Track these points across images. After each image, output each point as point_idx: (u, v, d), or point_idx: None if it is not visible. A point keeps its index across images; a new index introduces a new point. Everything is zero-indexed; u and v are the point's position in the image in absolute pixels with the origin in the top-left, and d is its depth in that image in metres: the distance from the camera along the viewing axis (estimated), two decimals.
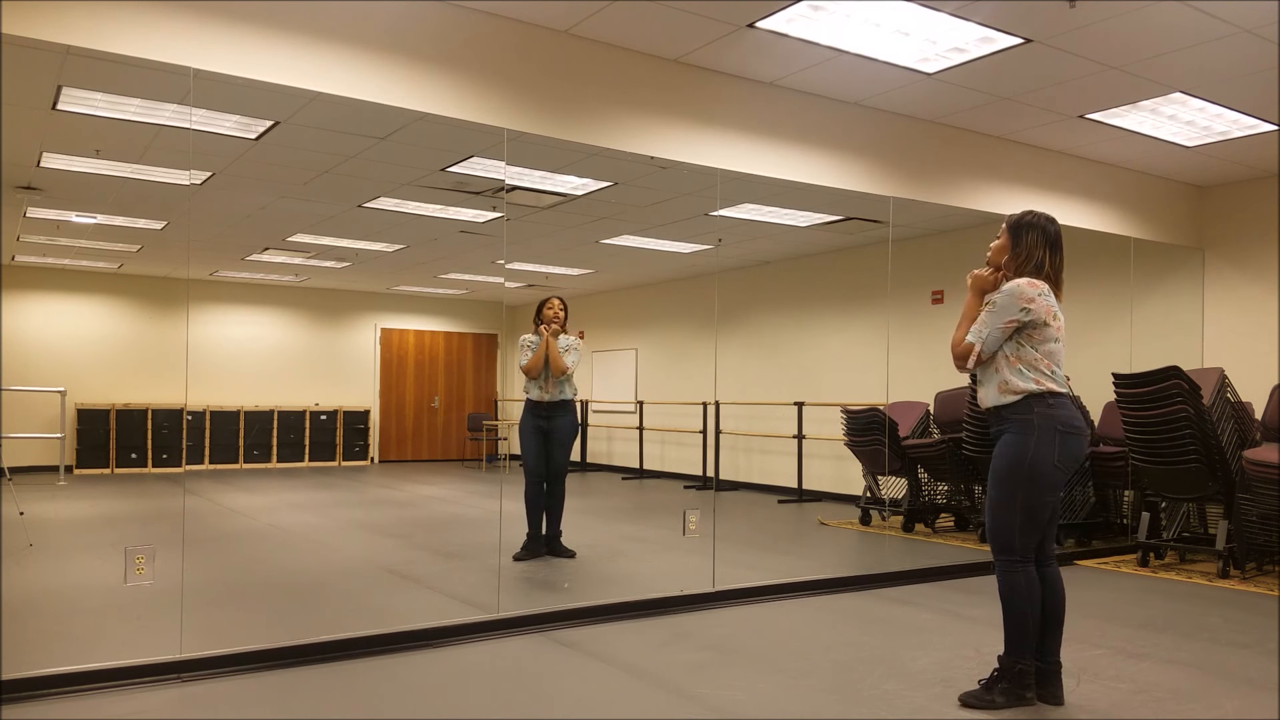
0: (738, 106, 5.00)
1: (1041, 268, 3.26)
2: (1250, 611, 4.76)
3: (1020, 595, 3.16)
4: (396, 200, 7.32)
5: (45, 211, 7.89)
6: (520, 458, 5.92)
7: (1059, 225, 3.34)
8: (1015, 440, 3.15)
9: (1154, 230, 6.94)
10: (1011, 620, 3.19)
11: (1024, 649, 3.17)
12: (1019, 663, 3.17)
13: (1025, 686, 3.17)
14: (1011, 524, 3.15)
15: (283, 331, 13.31)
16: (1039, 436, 3.12)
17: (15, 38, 3.24)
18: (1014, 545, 3.16)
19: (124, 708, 3.13)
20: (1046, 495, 3.15)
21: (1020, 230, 3.29)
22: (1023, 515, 3.14)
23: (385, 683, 3.42)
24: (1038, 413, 3.13)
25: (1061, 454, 3.14)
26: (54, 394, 11.37)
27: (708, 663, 3.70)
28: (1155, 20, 4.26)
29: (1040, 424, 3.13)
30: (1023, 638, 3.17)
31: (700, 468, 11.05)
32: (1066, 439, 3.15)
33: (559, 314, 5.88)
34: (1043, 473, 3.12)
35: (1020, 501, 3.13)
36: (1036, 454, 3.11)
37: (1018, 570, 3.17)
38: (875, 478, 7.69)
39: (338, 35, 3.84)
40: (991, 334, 3.18)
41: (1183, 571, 5.88)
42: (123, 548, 4.20)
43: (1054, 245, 3.29)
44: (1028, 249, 3.26)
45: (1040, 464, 3.11)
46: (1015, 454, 3.13)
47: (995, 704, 3.15)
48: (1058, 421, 3.14)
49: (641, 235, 8.57)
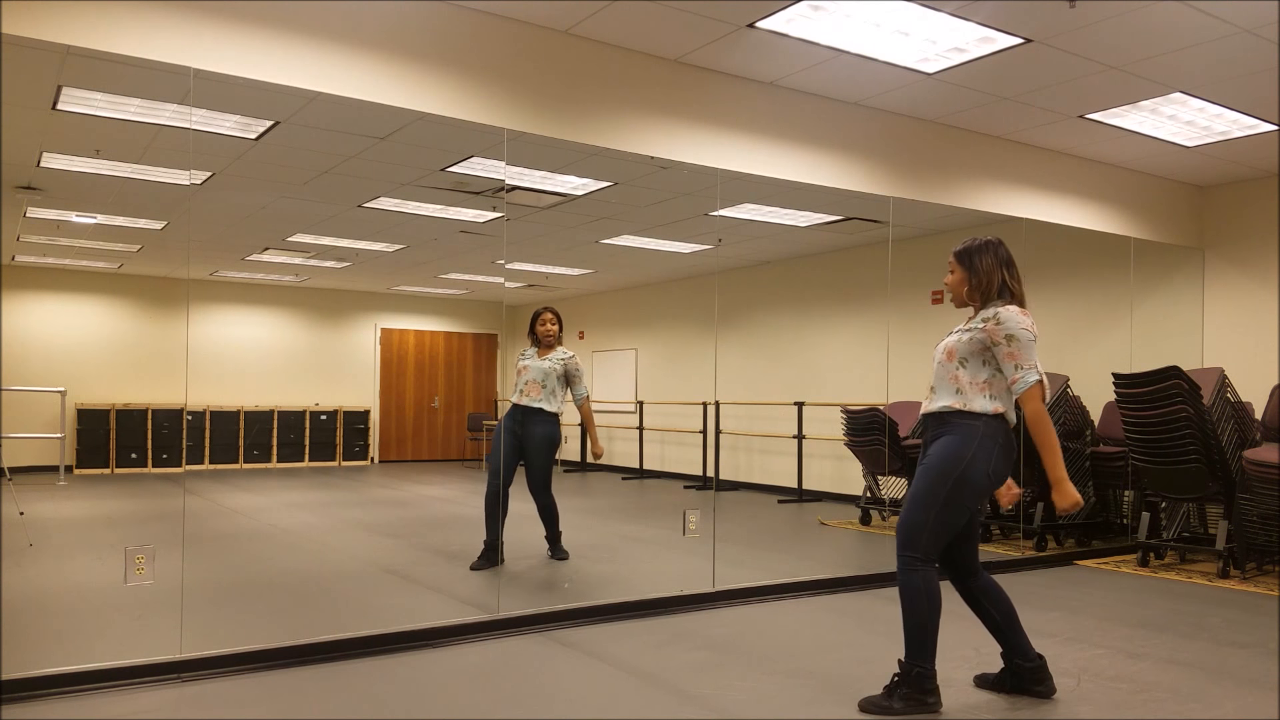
0: (738, 106, 5.00)
1: (1004, 288, 3.24)
2: (1250, 611, 4.76)
3: (917, 596, 3.12)
4: (396, 200, 7.32)
5: (45, 211, 7.89)
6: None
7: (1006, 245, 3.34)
8: (956, 442, 3.15)
9: (1154, 230, 6.94)
10: (909, 622, 3.14)
11: (922, 653, 3.12)
12: (917, 666, 3.13)
13: (926, 691, 3.12)
14: (925, 521, 3.14)
15: (283, 331, 13.31)
16: (980, 444, 3.13)
17: (15, 38, 3.24)
18: (919, 543, 3.14)
19: (124, 708, 3.13)
20: (968, 501, 3.14)
21: (972, 256, 3.28)
22: (939, 515, 3.13)
23: (385, 683, 3.42)
24: (985, 422, 3.15)
25: (995, 466, 3.14)
26: (54, 394, 11.37)
27: (708, 663, 3.70)
28: (1155, 20, 4.26)
29: (985, 432, 3.14)
30: (920, 641, 3.13)
31: (700, 468, 11.05)
32: (1005, 454, 3.16)
33: (552, 331, 5.70)
34: (973, 478, 3.12)
35: (943, 500, 3.12)
36: (974, 458, 3.12)
37: (916, 569, 3.14)
38: (875, 478, 7.69)
39: (338, 35, 3.84)
40: (1036, 363, 3.15)
41: (1183, 571, 5.88)
42: (123, 548, 4.20)
43: (1009, 264, 3.27)
44: (986, 273, 3.25)
45: (974, 469, 3.12)
46: (953, 453, 3.13)
47: (894, 710, 3.11)
48: (1000, 434, 3.15)
49: (641, 235, 8.57)
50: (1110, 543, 6.72)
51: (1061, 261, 7.56)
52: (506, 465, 5.60)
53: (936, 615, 3.13)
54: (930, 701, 3.13)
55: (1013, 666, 3.32)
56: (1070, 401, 6.88)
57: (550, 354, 5.71)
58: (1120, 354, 7.05)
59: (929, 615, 3.12)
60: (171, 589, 4.66)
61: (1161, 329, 7.22)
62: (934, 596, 3.13)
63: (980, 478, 3.12)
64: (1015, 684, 3.32)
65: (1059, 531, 6.67)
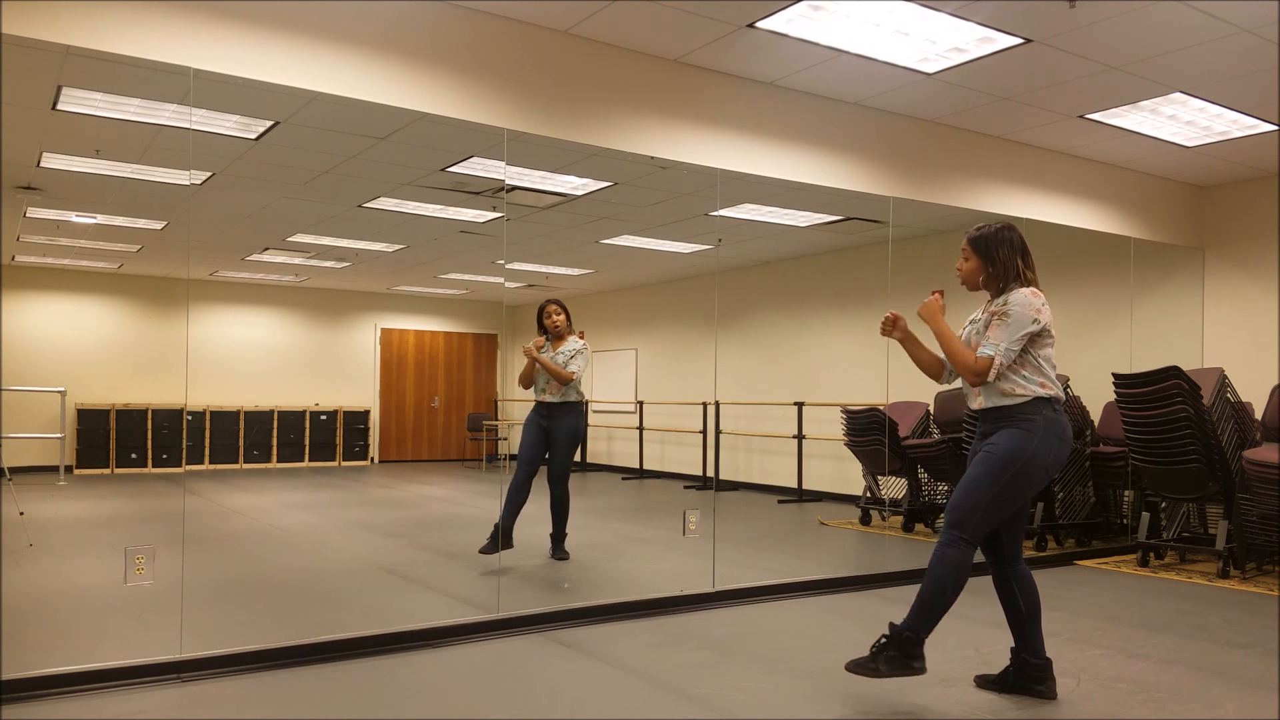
0: (738, 106, 5.00)
1: (1021, 277, 3.28)
2: (1250, 611, 4.76)
3: (948, 571, 3.15)
4: (396, 200, 7.32)
5: (45, 211, 7.89)
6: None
7: (1018, 230, 3.37)
8: (1019, 434, 3.17)
9: (1154, 230, 6.94)
10: (927, 589, 3.16)
11: (922, 621, 3.15)
12: (910, 631, 3.15)
13: (913, 656, 3.15)
14: (978, 505, 3.17)
15: (283, 331, 13.31)
16: (1042, 437, 3.16)
17: (15, 38, 3.24)
18: (969, 525, 3.17)
19: (124, 708, 3.13)
20: (1021, 493, 3.19)
21: (991, 246, 3.31)
22: (992, 501, 3.17)
23: (385, 683, 3.42)
24: (1045, 415, 3.18)
25: (1053, 460, 3.20)
26: (54, 394, 11.37)
27: (708, 663, 3.70)
28: (1155, 20, 4.26)
29: (1046, 426, 3.17)
30: (928, 611, 3.15)
31: (700, 468, 11.05)
32: (1062, 447, 3.22)
33: (558, 322, 5.77)
34: (1032, 471, 3.16)
35: (999, 489, 3.16)
36: (1035, 452, 3.15)
37: (958, 547, 3.17)
38: (875, 478, 7.69)
39: (338, 35, 3.84)
40: (1009, 347, 3.17)
41: (1183, 571, 5.88)
42: (123, 548, 4.20)
43: (1024, 252, 3.32)
44: (1004, 263, 3.29)
45: (1034, 462, 3.16)
46: (1017, 446, 3.16)
47: (879, 671, 3.16)
48: (1060, 428, 3.21)
49: (641, 235, 8.57)
50: (1110, 543, 6.72)
51: (1061, 261, 7.55)
52: (534, 451, 5.70)
53: (954, 595, 3.16)
54: (916, 666, 3.16)
55: (1019, 662, 3.32)
56: (1070, 401, 6.88)
57: (563, 345, 5.76)
58: (1120, 354, 7.05)
59: (949, 593, 3.15)
60: (171, 589, 4.66)
61: (1161, 329, 7.22)
62: (962, 576, 3.16)
63: (1039, 472, 3.17)
64: (1018, 680, 3.33)
65: (1059, 531, 6.67)
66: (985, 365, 3.19)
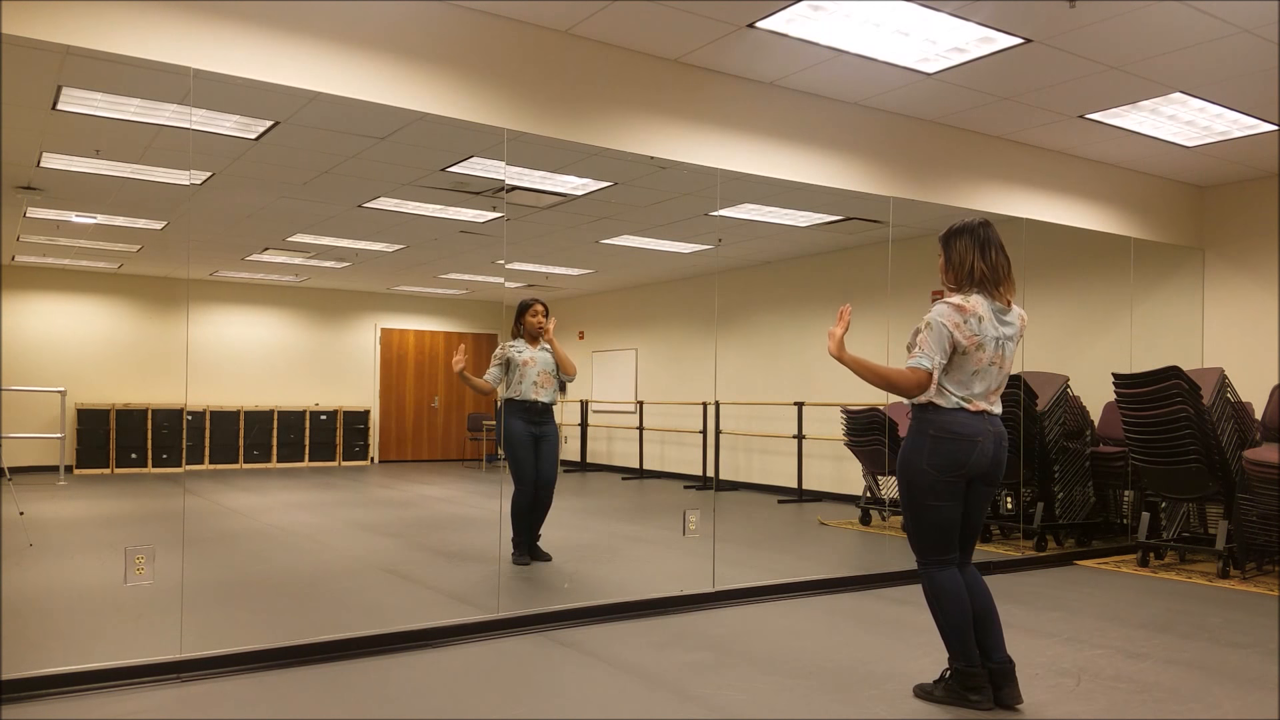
0: (738, 106, 5.00)
1: (974, 274, 3.13)
2: (1250, 611, 4.76)
3: (931, 599, 3.19)
4: (396, 200, 7.32)
5: (45, 211, 7.89)
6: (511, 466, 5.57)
7: (992, 228, 3.20)
8: (903, 445, 3.20)
9: (1154, 230, 6.94)
10: (935, 622, 3.21)
11: (955, 650, 3.14)
12: (955, 664, 3.16)
13: (969, 689, 3.11)
14: (910, 528, 3.21)
15: (283, 331, 13.31)
16: (911, 441, 3.16)
17: (15, 38, 3.24)
18: (916, 548, 3.21)
19: (124, 708, 3.13)
20: (930, 500, 3.11)
21: (948, 240, 3.21)
22: (914, 519, 3.17)
23: (385, 683, 3.42)
24: (916, 418, 3.16)
25: (932, 458, 3.10)
26: (54, 394, 11.37)
27: (708, 663, 3.70)
28: (1155, 20, 4.26)
29: (916, 428, 3.15)
30: (948, 640, 3.16)
31: (700, 468, 11.05)
32: (939, 442, 3.09)
33: (545, 325, 5.65)
34: (915, 477, 3.12)
35: (909, 505, 3.18)
36: (908, 459, 3.15)
37: (924, 573, 3.21)
38: (875, 478, 7.69)
39: (338, 35, 3.84)
40: (937, 355, 3.06)
41: (1183, 571, 5.88)
42: (123, 548, 4.20)
43: (984, 246, 3.13)
44: (959, 256, 3.17)
45: (911, 467, 3.13)
46: (900, 459, 3.18)
47: (934, 697, 3.19)
48: (931, 426, 3.11)
49: (641, 235, 8.57)
50: (1110, 543, 6.72)
51: (1061, 261, 7.56)
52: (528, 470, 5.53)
53: (955, 614, 3.13)
54: (974, 700, 3.10)
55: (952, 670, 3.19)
56: (1070, 401, 6.88)
57: (537, 345, 5.71)
58: (1120, 354, 7.05)
59: (952, 614, 3.13)
60: (171, 589, 4.66)
61: (1161, 329, 7.22)
62: (944, 598, 3.14)
63: (921, 473, 3.12)
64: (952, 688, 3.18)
65: (1059, 531, 6.67)
66: (923, 378, 3.06)
